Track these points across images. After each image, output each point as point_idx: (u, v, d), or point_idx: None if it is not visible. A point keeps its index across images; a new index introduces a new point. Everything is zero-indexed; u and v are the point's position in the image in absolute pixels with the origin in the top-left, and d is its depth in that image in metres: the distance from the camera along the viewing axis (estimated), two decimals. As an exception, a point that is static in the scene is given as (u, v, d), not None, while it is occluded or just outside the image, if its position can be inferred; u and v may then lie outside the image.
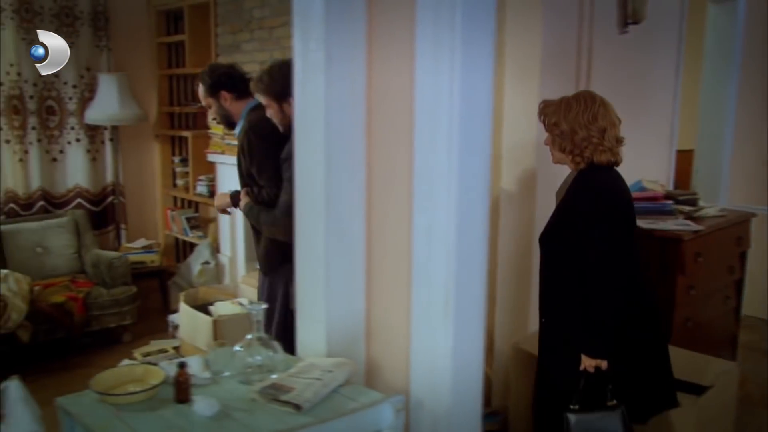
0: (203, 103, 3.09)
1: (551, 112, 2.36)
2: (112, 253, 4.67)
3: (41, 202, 5.04)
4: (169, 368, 2.05)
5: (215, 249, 5.08)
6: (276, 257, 2.80)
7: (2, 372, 3.83)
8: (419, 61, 1.93)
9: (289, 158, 2.40)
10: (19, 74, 4.87)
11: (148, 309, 4.78)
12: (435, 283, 1.96)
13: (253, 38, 4.56)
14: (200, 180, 5.31)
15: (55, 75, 5.06)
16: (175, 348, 4.27)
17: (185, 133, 5.45)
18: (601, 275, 2.23)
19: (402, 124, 2.03)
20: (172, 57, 5.67)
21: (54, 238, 4.64)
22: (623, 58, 3.37)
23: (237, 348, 2.11)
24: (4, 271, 4.08)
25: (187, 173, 5.49)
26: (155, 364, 2.14)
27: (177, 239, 5.74)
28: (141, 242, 5.18)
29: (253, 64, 4.57)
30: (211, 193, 5.20)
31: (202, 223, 5.56)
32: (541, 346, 2.49)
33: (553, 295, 2.43)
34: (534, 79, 2.94)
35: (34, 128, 4.99)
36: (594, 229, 2.24)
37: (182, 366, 1.93)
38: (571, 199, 2.37)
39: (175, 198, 5.80)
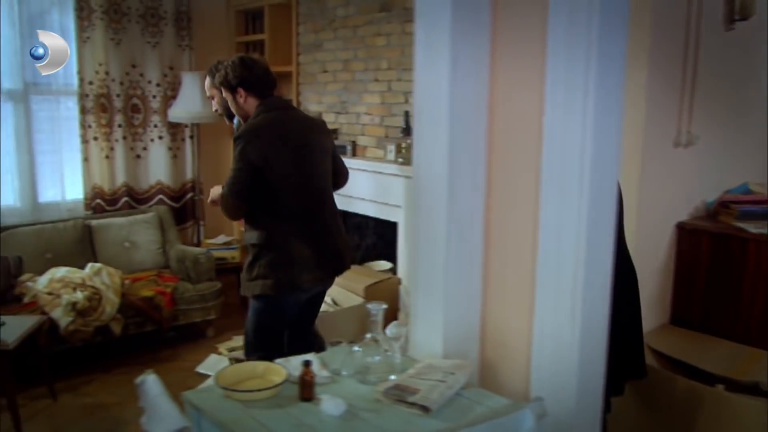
0: (208, 93, 3.24)
1: None
2: (198, 249, 4.75)
3: (125, 198, 5.17)
4: (290, 367, 2.06)
5: (293, 246, 5.12)
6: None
7: (99, 362, 3.97)
8: (550, 75, 1.88)
9: (236, 139, 2.76)
10: (107, 73, 5.00)
11: (227, 305, 4.84)
12: (563, 288, 1.92)
13: (336, 37, 4.57)
14: (278, 178, 5.36)
15: (140, 74, 5.18)
16: (259, 344, 4.31)
17: (263, 131, 5.51)
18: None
19: (526, 129, 1.99)
20: (250, 56, 5.73)
21: (140, 234, 4.75)
22: (729, 56, 3.25)
23: (355, 348, 2.11)
24: (97, 265, 4.19)
25: (264, 171, 5.55)
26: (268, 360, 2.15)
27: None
28: (221, 238, 5.25)
29: (336, 62, 4.60)
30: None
31: (277, 220, 5.62)
32: None
33: None
34: (641, 78, 2.86)
35: (120, 126, 5.12)
36: None
37: (308, 364, 1.93)
38: None
39: (250, 195, 5.87)
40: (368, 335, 2.09)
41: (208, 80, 3.20)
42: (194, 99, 5.09)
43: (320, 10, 4.67)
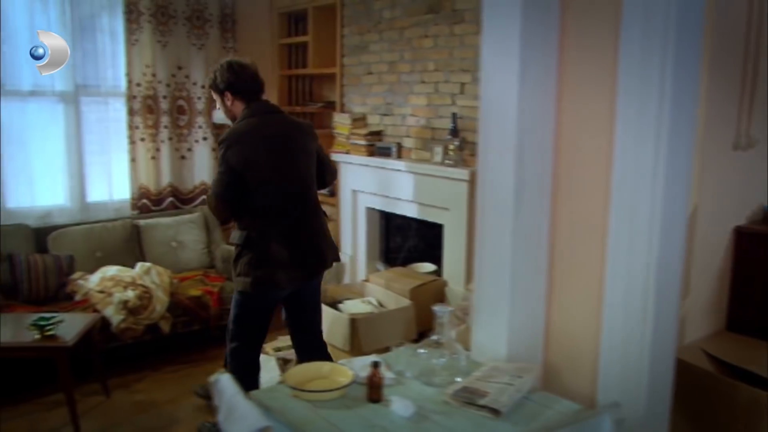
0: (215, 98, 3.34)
1: None
2: (243, 249, 4.77)
3: (170, 198, 5.23)
4: (354, 368, 2.08)
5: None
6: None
7: (148, 360, 4.02)
8: (622, 88, 1.87)
9: (220, 143, 2.95)
10: (153, 75, 5.06)
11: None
12: (632, 293, 1.90)
13: (381, 39, 4.58)
14: (320, 179, 5.39)
15: (186, 75, 5.25)
16: (304, 344, 4.34)
17: (306, 133, 5.54)
18: None
19: (595, 136, 1.98)
20: (292, 58, 5.78)
21: (186, 233, 4.81)
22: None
23: (420, 350, 2.11)
24: (147, 264, 4.25)
25: (306, 172, 5.58)
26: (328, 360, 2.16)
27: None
28: (265, 239, 5.28)
29: (381, 64, 4.61)
30: (332, 192, 5.27)
31: (318, 221, 5.64)
32: None
33: None
34: (701, 79, 2.82)
35: (165, 127, 5.18)
36: None
37: (376, 366, 1.94)
38: None
39: (291, 196, 5.91)
40: (433, 337, 2.10)
41: (208, 85, 3.30)
42: (239, 100, 5.14)
43: (366, 12, 4.69)
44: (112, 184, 5.07)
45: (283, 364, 4.03)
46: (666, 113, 1.79)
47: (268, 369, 3.94)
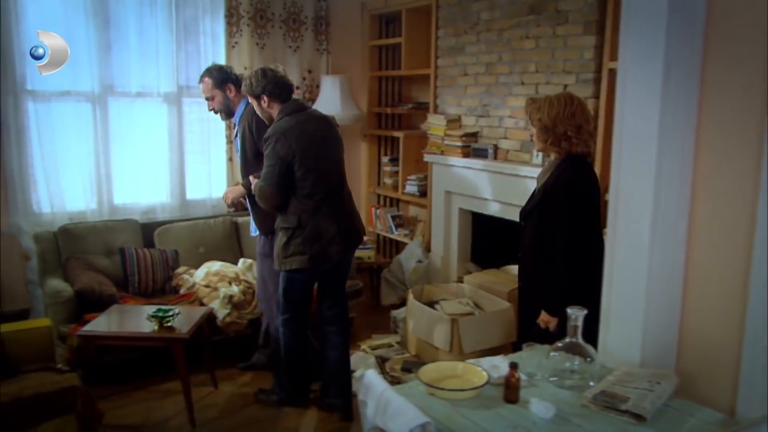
0: (209, 94, 3.80)
1: (536, 109, 2.82)
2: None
3: (264, 197, 5.36)
4: (488, 368, 2.09)
5: (426, 248, 5.17)
6: (270, 222, 3.52)
7: (250, 354, 4.14)
8: None
9: (266, 139, 3.28)
10: (251, 76, 5.20)
11: (360, 303, 4.93)
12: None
13: (479, 40, 4.58)
14: (410, 179, 5.43)
15: (281, 77, 5.36)
16: (398, 343, 4.39)
17: (396, 134, 5.60)
18: (564, 248, 2.70)
19: (740, 139, 1.94)
20: (382, 59, 5.84)
21: (282, 231, 4.92)
22: None
23: (553, 353, 2.11)
24: (249, 260, 4.38)
25: (396, 172, 5.64)
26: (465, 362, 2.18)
27: (378, 236, 5.91)
28: (356, 238, 5.35)
29: (478, 66, 4.61)
30: (422, 192, 5.30)
31: (406, 221, 5.69)
32: (519, 306, 3.05)
33: (529, 263, 2.92)
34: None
35: (261, 127, 5.31)
36: (562, 210, 2.71)
37: (514, 367, 1.95)
38: (549, 183, 2.79)
39: (378, 196, 5.98)
40: (567, 339, 2.09)
41: (208, 81, 3.77)
42: (333, 101, 5.23)
43: (463, 13, 4.69)
44: (211, 181, 5.23)
45: (381, 362, 4.09)
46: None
47: (368, 365, 4.01)
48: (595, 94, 3.81)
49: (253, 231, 3.87)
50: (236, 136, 3.88)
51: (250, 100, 3.45)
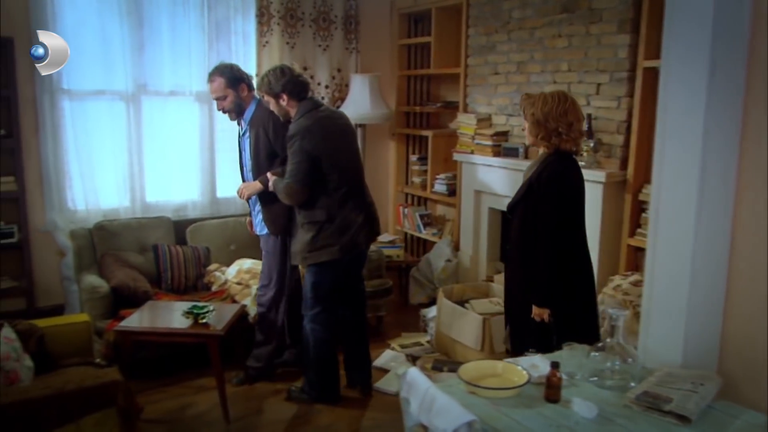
0: (221, 93, 3.74)
1: (530, 104, 2.90)
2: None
3: (294, 195, 5.39)
4: (527, 367, 2.10)
5: (455, 247, 5.17)
6: (283, 221, 3.64)
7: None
8: None
9: (291, 137, 3.36)
10: (282, 75, 5.23)
11: (389, 302, 4.95)
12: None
13: (510, 39, 4.57)
14: (438, 178, 5.43)
15: (311, 76, 5.39)
16: (428, 341, 4.39)
17: (425, 132, 5.60)
18: (546, 241, 2.76)
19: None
20: (411, 58, 5.84)
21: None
22: None
23: (593, 353, 2.11)
24: (280, 258, 4.40)
25: (425, 171, 5.64)
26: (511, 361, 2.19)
27: (406, 234, 5.91)
28: (385, 237, 5.37)
29: (509, 64, 4.60)
30: (451, 192, 5.30)
31: (434, 220, 5.69)
32: (505, 291, 3.11)
33: (515, 254, 2.97)
34: None
35: (291, 126, 5.34)
36: (546, 204, 2.77)
37: (555, 366, 1.95)
38: (535, 177, 2.85)
39: (406, 195, 5.98)
40: (607, 340, 2.09)
41: (221, 81, 3.71)
42: (362, 100, 5.24)
43: (494, 12, 4.68)
44: (240, 180, 5.25)
45: (412, 361, 4.10)
46: None
47: (399, 362, 4.03)
48: (629, 92, 3.78)
49: (259, 230, 3.84)
50: (243, 135, 3.86)
51: (267, 98, 3.51)
